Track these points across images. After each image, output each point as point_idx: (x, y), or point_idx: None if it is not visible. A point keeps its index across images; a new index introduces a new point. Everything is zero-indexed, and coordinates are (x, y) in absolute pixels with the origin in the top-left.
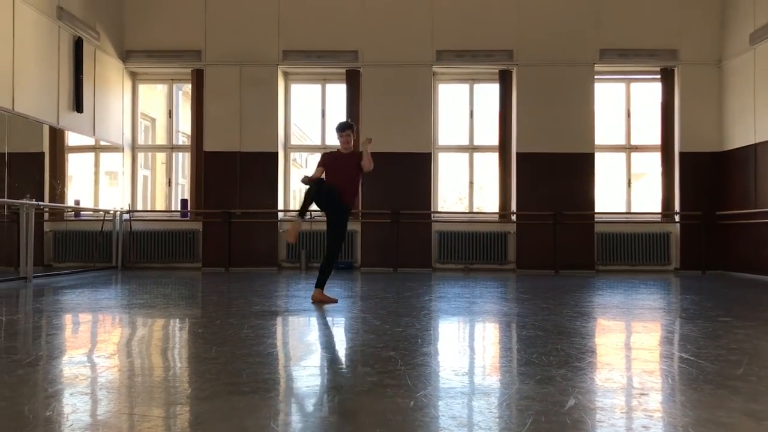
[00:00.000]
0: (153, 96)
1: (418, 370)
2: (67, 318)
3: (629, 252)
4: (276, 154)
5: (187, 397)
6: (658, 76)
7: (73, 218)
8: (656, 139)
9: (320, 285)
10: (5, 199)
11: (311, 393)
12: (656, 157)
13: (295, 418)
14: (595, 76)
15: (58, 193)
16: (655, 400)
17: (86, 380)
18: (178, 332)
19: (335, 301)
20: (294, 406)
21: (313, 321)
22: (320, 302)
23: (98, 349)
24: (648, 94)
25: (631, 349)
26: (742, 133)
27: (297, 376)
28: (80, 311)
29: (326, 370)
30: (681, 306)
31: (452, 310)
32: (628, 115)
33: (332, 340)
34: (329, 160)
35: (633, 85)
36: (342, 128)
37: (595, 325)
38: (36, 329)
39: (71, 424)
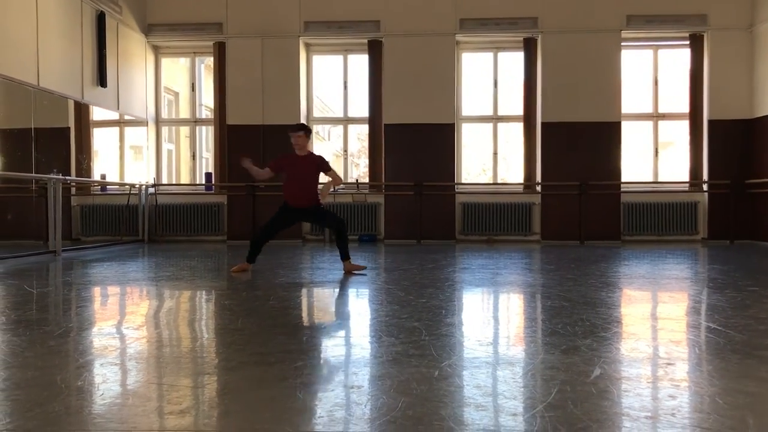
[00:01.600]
0: (176, 70)
1: (443, 341)
2: (96, 290)
3: (656, 222)
4: None
5: (214, 367)
6: (687, 42)
7: (99, 192)
8: (684, 107)
9: (346, 257)
10: (33, 174)
11: (336, 363)
12: (684, 126)
13: (321, 388)
14: (622, 43)
15: (84, 168)
16: (681, 370)
17: (116, 351)
18: (205, 304)
19: (364, 268)
20: (320, 376)
21: (338, 292)
22: (351, 271)
23: (127, 320)
24: (676, 60)
25: (657, 319)
26: None
27: (322, 346)
28: (109, 284)
29: (351, 341)
30: (709, 276)
31: (476, 281)
32: (656, 82)
33: (357, 311)
34: (287, 163)
35: (661, 51)
36: (294, 129)
37: (621, 296)
38: (66, 302)
39: (102, 394)
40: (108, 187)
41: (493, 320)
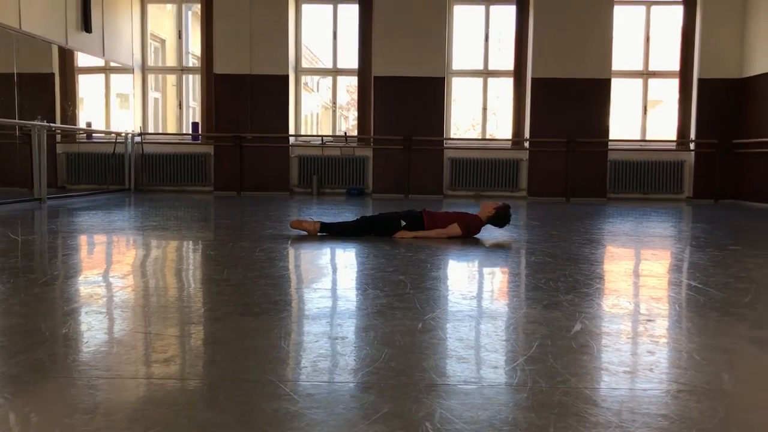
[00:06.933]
0: (162, 16)
1: (427, 294)
2: (82, 239)
3: (642, 180)
4: (286, 77)
5: (200, 317)
6: (680, 0)
7: (85, 140)
8: (675, 66)
9: (325, 226)
10: (17, 120)
11: (321, 314)
12: (674, 84)
13: (306, 339)
14: None
15: (69, 115)
16: (661, 326)
17: (101, 299)
18: (191, 254)
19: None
20: (304, 327)
21: (325, 245)
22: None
23: (113, 269)
24: (668, 18)
25: (639, 276)
26: (763, 60)
27: (308, 298)
28: (94, 232)
29: (336, 293)
30: (691, 234)
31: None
32: (647, 40)
33: (343, 263)
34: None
35: (653, 8)
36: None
37: (604, 252)
38: (51, 249)
39: (87, 342)
40: (94, 135)
41: (477, 275)
